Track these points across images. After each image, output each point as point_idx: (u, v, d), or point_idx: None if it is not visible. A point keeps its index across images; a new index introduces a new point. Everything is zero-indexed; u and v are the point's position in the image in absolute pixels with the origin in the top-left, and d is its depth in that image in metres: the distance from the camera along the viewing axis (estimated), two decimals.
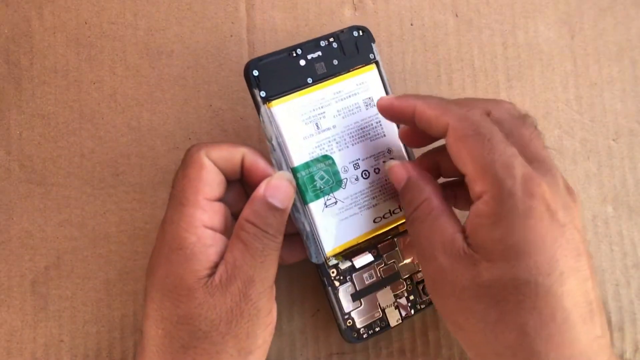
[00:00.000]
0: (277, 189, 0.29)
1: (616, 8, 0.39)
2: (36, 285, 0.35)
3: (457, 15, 0.38)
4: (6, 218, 0.35)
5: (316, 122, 0.31)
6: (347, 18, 0.38)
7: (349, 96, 0.32)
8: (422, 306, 0.33)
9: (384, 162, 0.32)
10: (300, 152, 0.31)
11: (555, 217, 0.25)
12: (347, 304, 0.32)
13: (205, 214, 0.28)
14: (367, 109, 0.32)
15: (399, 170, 0.30)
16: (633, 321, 0.36)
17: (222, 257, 0.28)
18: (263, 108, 0.30)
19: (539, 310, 0.24)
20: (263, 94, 0.30)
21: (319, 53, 0.31)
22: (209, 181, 0.29)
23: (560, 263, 0.24)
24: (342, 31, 0.32)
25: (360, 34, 0.32)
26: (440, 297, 0.27)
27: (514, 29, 0.39)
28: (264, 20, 0.37)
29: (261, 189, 0.28)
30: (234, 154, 0.29)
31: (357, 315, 0.32)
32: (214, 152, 0.29)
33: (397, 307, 0.32)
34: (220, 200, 0.30)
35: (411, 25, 0.38)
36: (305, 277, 0.35)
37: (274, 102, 0.30)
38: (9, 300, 0.35)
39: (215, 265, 0.28)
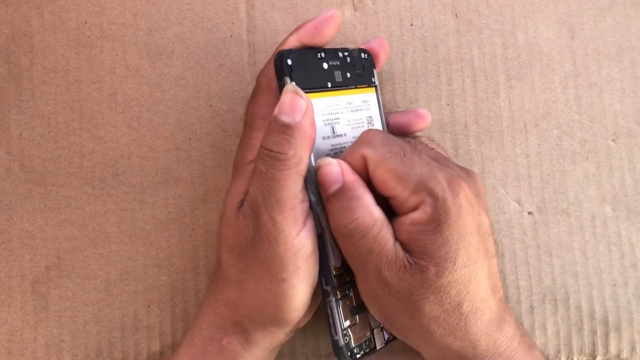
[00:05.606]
0: (284, 104, 0.27)
1: (616, 8, 0.39)
2: (37, 285, 0.35)
3: (457, 16, 0.38)
4: (6, 218, 0.35)
5: (332, 125, 0.31)
6: (347, 18, 0.37)
7: (357, 110, 0.32)
8: None
9: None
10: (319, 149, 0.30)
11: (474, 208, 0.27)
12: (345, 318, 0.30)
13: None
14: (368, 126, 0.32)
15: (333, 170, 0.28)
16: (630, 321, 0.37)
17: None
18: None
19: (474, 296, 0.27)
20: (294, 84, 0.29)
21: (338, 62, 0.32)
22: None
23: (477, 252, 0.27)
24: (354, 49, 0.33)
25: (366, 57, 0.33)
26: (384, 306, 0.28)
27: (514, 29, 0.39)
28: (264, 21, 0.37)
29: (275, 110, 0.27)
30: None
31: (353, 333, 0.30)
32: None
33: (382, 329, 0.31)
34: None
35: (411, 25, 0.38)
36: None
37: None
38: (10, 300, 0.35)
39: None
